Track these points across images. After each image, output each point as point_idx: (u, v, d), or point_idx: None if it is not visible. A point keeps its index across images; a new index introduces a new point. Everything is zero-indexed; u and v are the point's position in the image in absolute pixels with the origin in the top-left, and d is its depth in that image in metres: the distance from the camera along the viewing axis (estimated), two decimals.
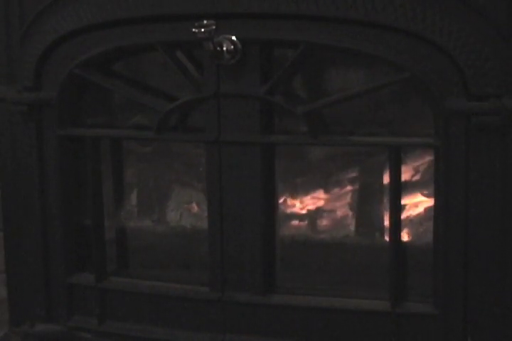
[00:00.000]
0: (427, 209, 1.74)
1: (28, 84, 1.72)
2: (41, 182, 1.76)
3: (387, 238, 1.66)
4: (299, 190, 1.94)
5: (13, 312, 1.85)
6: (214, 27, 1.51)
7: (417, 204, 1.79)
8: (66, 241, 1.78)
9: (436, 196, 1.58)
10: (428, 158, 1.70)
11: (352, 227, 1.76)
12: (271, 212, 1.68)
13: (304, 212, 1.91)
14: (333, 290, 1.67)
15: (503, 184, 1.53)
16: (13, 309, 1.85)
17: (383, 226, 1.71)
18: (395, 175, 1.60)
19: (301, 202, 1.93)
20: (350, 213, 1.83)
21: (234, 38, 1.56)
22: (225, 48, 1.55)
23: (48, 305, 1.81)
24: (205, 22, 1.51)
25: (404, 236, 1.66)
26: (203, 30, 1.50)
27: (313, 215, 1.90)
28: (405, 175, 1.68)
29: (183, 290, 1.74)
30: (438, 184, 1.57)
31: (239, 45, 1.56)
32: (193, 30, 1.50)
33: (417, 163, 1.76)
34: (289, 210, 1.87)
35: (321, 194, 1.92)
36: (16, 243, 1.82)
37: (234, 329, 1.71)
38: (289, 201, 1.92)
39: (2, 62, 1.74)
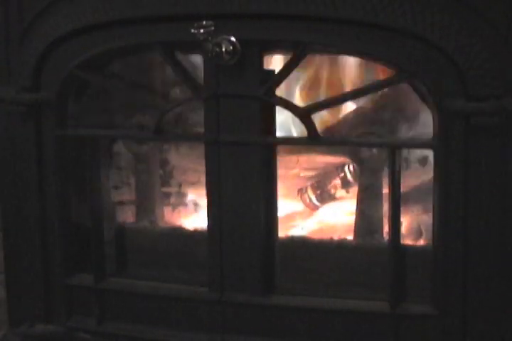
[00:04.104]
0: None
1: (27, 85, 1.72)
2: (40, 182, 1.76)
3: (386, 239, 1.66)
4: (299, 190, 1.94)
5: (12, 313, 1.85)
6: (213, 28, 1.51)
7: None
8: (65, 242, 1.78)
9: (435, 196, 1.58)
10: None
11: (351, 228, 1.76)
12: (270, 213, 1.68)
13: (303, 212, 1.91)
14: (333, 291, 1.67)
15: (502, 184, 1.53)
16: (12, 309, 1.85)
17: (382, 227, 1.71)
18: (395, 175, 1.60)
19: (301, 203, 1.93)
20: (349, 214, 1.83)
21: (233, 38, 1.55)
22: (224, 49, 1.55)
23: (47, 305, 1.81)
24: (204, 23, 1.51)
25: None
26: (202, 30, 1.50)
27: (313, 216, 1.91)
28: None
29: (182, 290, 1.74)
30: (437, 184, 1.57)
31: (238, 46, 1.56)
32: (192, 30, 1.50)
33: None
34: (288, 211, 1.87)
35: (320, 194, 1.93)
36: (16, 243, 1.81)
37: (233, 330, 1.71)
38: (289, 201, 1.92)
39: (1, 62, 1.74)
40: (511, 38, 1.47)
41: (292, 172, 1.91)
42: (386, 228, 1.67)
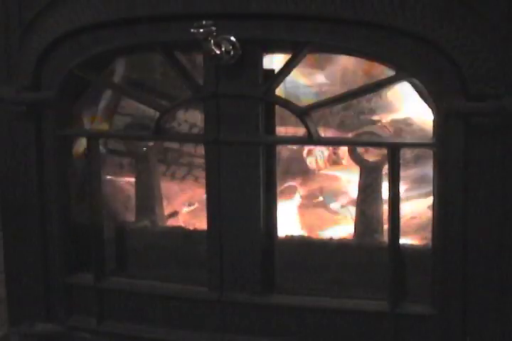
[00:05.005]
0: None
1: (27, 84, 1.72)
2: (40, 182, 1.76)
3: (385, 238, 1.66)
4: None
5: (12, 312, 1.85)
6: (213, 27, 1.51)
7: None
8: (65, 241, 1.78)
9: (435, 196, 1.58)
10: None
11: (351, 227, 1.76)
12: (270, 212, 1.68)
13: (303, 212, 1.91)
14: (332, 290, 1.67)
15: (502, 184, 1.53)
16: (12, 309, 1.85)
17: (382, 226, 1.70)
18: (395, 175, 1.60)
19: (301, 202, 1.93)
20: (349, 213, 1.83)
21: (233, 38, 1.55)
22: (223, 49, 1.55)
23: (47, 304, 1.81)
24: (203, 22, 1.51)
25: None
26: (201, 30, 1.50)
27: (313, 215, 1.91)
28: None
29: (181, 290, 1.74)
30: (437, 184, 1.57)
31: (238, 46, 1.56)
32: (192, 30, 1.50)
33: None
34: (288, 210, 1.87)
35: (320, 194, 1.93)
36: (16, 243, 1.81)
37: (233, 330, 1.71)
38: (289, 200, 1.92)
39: (1, 62, 1.74)
40: (511, 37, 1.47)
41: None
42: (386, 227, 1.67)
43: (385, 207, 1.67)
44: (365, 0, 1.50)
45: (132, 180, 1.89)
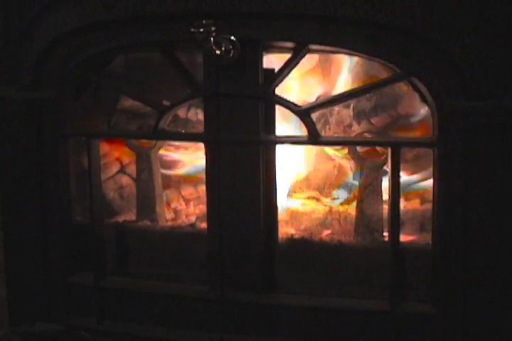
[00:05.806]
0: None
1: (27, 84, 1.72)
2: (40, 181, 1.76)
3: (386, 238, 1.66)
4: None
5: (13, 312, 1.85)
6: (213, 27, 1.51)
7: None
8: (65, 241, 1.78)
9: (436, 195, 1.58)
10: None
11: (351, 227, 1.76)
12: (271, 212, 1.68)
13: (303, 211, 1.91)
14: (333, 290, 1.67)
15: (502, 183, 1.53)
16: (13, 308, 1.85)
17: (382, 226, 1.70)
18: (395, 174, 1.59)
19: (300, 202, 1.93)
20: (349, 213, 1.83)
21: (233, 37, 1.55)
22: (223, 48, 1.55)
23: (48, 304, 1.82)
24: (203, 22, 1.50)
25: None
26: (201, 30, 1.50)
27: (313, 215, 1.91)
28: None
29: (182, 289, 1.75)
30: (437, 183, 1.57)
31: (238, 45, 1.56)
32: (192, 30, 1.50)
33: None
34: (288, 210, 1.87)
35: (320, 193, 1.93)
36: (16, 242, 1.82)
37: (233, 329, 1.71)
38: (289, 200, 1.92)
39: (1, 61, 1.74)
40: (511, 37, 1.46)
41: None
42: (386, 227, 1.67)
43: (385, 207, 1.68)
44: (365, 0, 1.49)
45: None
